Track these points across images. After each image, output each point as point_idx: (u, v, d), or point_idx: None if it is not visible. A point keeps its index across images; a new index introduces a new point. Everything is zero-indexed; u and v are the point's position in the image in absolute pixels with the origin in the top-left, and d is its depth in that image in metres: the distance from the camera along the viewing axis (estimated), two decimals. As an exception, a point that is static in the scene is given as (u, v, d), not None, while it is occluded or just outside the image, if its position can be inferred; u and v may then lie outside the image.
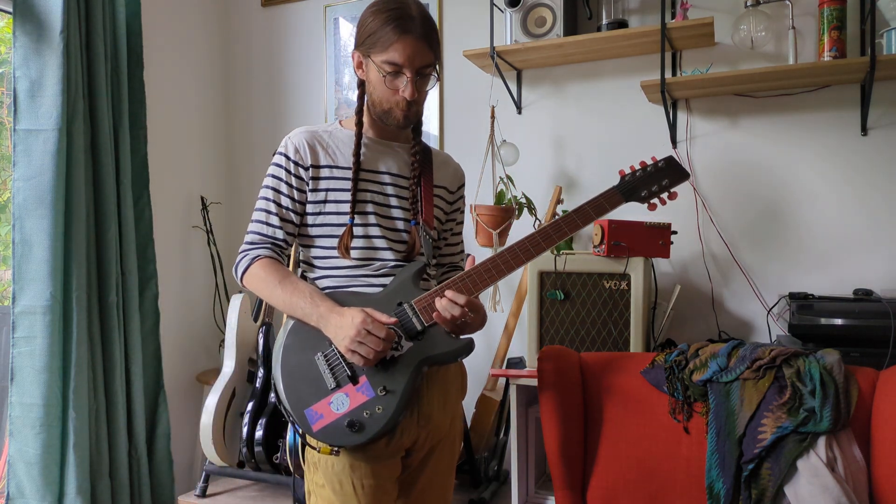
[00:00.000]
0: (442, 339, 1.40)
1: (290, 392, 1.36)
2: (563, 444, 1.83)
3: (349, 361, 1.36)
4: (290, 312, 1.41)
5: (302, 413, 1.34)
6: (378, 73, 1.40)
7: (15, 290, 2.16)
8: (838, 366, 1.67)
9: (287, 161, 1.47)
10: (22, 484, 2.16)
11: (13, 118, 2.18)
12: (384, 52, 1.38)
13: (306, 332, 1.39)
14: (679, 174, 1.52)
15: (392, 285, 1.43)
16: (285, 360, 1.39)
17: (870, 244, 2.22)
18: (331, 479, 1.38)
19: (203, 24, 3.05)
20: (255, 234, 1.47)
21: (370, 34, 1.40)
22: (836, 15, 2.08)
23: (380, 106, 1.44)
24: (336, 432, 1.33)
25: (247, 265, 1.44)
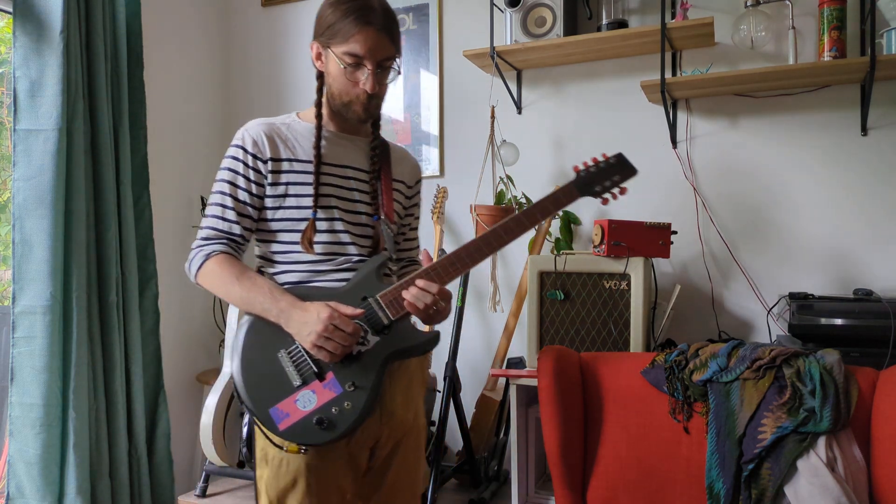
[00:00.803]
0: (409, 332, 1.40)
1: (252, 391, 1.32)
2: (563, 444, 1.83)
3: (315, 358, 1.33)
4: (249, 309, 1.36)
5: (266, 412, 1.31)
6: (338, 64, 1.38)
7: (15, 290, 2.16)
8: (838, 366, 1.68)
9: (245, 154, 1.42)
10: (22, 484, 2.16)
11: (13, 118, 2.18)
12: (344, 44, 1.36)
13: (266, 328, 1.35)
14: (628, 170, 1.51)
15: (355, 279, 1.40)
16: (245, 358, 1.34)
17: (870, 244, 2.22)
18: (285, 478, 1.36)
19: (203, 24, 3.05)
20: (210, 230, 1.42)
21: (330, 25, 1.38)
22: (836, 15, 2.09)
23: (339, 98, 1.42)
24: (304, 430, 1.31)
25: (201, 262, 1.39)
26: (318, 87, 1.46)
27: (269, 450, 1.37)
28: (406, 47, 2.84)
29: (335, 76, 1.40)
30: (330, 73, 1.41)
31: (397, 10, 2.83)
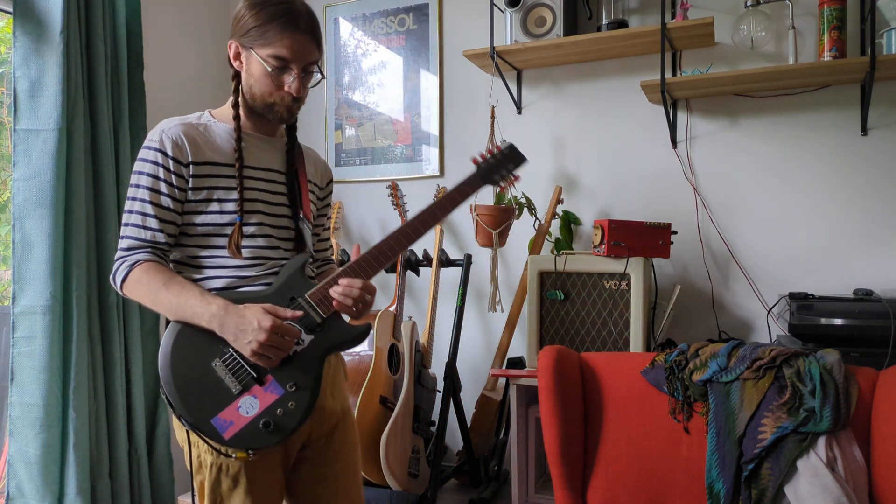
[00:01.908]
0: (340, 327, 1.41)
1: (190, 406, 1.29)
2: (563, 444, 1.83)
3: (247, 362, 1.32)
4: (179, 315, 1.32)
5: (209, 424, 1.28)
6: (262, 66, 1.37)
7: (15, 290, 2.16)
8: (838, 366, 1.68)
9: (165, 157, 1.34)
10: (22, 484, 2.16)
11: (13, 118, 2.18)
12: (270, 47, 1.36)
13: (194, 339, 1.32)
14: (519, 159, 1.57)
15: (280, 281, 1.39)
16: (177, 373, 1.30)
17: (870, 244, 2.22)
18: (226, 481, 1.36)
19: (203, 24, 3.05)
20: (132, 239, 1.35)
21: (254, 27, 1.36)
22: (836, 15, 2.09)
23: (262, 100, 1.40)
24: (251, 435, 1.30)
25: (126, 272, 1.33)
26: (235, 86, 1.42)
27: (205, 457, 1.35)
28: (406, 47, 2.84)
29: (258, 78, 1.38)
30: (252, 74, 1.39)
31: (397, 10, 2.84)
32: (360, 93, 2.93)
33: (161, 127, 1.38)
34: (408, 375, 2.32)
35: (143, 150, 1.37)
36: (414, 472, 2.29)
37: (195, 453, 1.37)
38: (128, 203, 1.37)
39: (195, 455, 1.37)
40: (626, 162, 2.51)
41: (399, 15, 2.85)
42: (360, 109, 2.94)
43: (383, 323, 2.36)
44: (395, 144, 2.86)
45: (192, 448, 1.36)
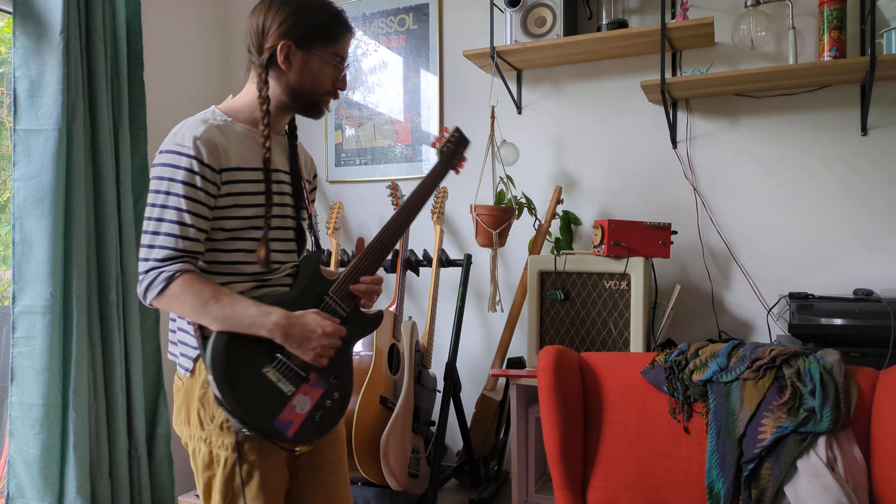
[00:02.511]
0: (361, 317, 1.50)
1: (253, 413, 1.31)
2: (563, 444, 1.83)
3: (294, 363, 1.37)
4: (233, 327, 1.31)
5: (272, 427, 1.33)
6: (323, 64, 1.41)
7: (15, 290, 2.16)
8: (838, 366, 1.67)
9: (201, 166, 1.31)
10: (22, 484, 2.16)
11: (13, 118, 2.18)
12: (333, 45, 1.42)
13: (243, 349, 1.33)
14: (465, 142, 1.71)
15: (303, 281, 1.44)
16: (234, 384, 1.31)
17: (870, 244, 2.22)
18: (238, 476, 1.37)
19: (203, 25, 3.05)
20: (168, 250, 1.31)
21: (317, 27, 1.40)
22: (836, 15, 2.09)
23: (311, 96, 1.43)
24: (307, 430, 1.38)
25: (164, 285, 1.30)
26: (263, 85, 1.41)
27: (219, 452, 1.37)
28: (406, 47, 2.84)
29: (315, 75, 1.42)
30: (308, 73, 1.41)
31: (397, 10, 2.84)
32: (360, 93, 2.93)
33: (189, 131, 1.33)
34: (408, 375, 2.32)
35: (171, 154, 1.32)
36: (414, 472, 2.29)
37: (206, 450, 1.38)
38: (157, 210, 1.32)
39: (206, 451, 1.38)
40: (626, 162, 2.51)
41: (399, 15, 2.85)
42: (360, 109, 2.94)
43: (383, 323, 2.36)
44: (395, 144, 2.86)
45: (203, 444, 1.38)
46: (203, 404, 1.37)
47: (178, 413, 1.42)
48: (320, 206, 2.99)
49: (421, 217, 2.73)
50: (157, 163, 1.34)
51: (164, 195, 1.32)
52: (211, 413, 1.36)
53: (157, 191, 1.32)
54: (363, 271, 1.47)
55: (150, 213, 1.33)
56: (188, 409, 1.39)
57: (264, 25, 1.41)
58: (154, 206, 1.33)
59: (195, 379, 1.38)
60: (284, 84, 1.42)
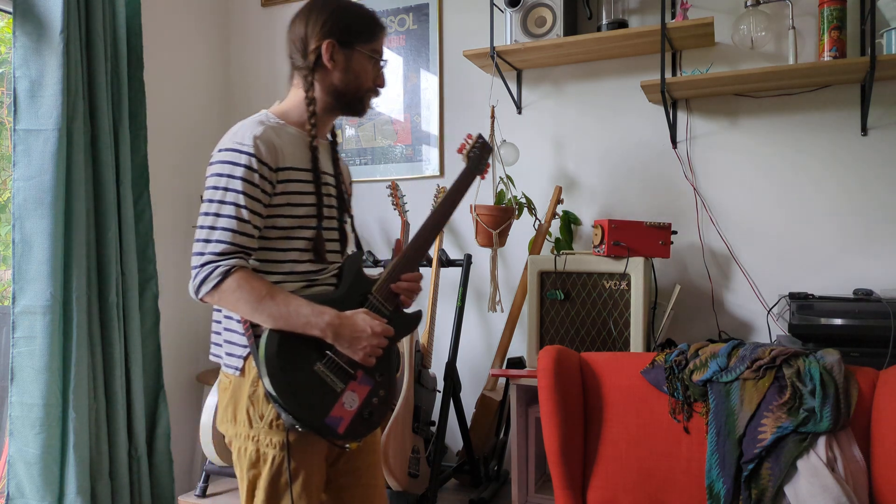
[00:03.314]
0: (402, 316, 1.55)
1: (304, 410, 1.34)
2: (563, 444, 1.83)
3: (342, 360, 1.39)
4: (286, 325, 1.34)
5: (323, 424, 1.35)
6: (366, 61, 1.47)
7: (15, 290, 2.16)
8: (838, 366, 1.67)
9: (260, 164, 1.35)
10: (22, 484, 2.16)
11: (13, 118, 2.18)
12: (372, 42, 1.48)
13: (294, 347, 1.35)
14: (490, 149, 1.81)
15: (348, 280, 1.47)
16: (287, 381, 1.33)
17: (870, 244, 2.22)
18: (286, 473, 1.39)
19: (203, 24, 3.05)
20: (226, 244, 1.33)
21: (357, 24, 1.45)
22: (836, 15, 2.09)
23: (356, 93, 1.48)
24: (357, 427, 1.40)
25: (220, 279, 1.32)
26: (309, 86, 1.44)
27: (266, 451, 1.38)
28: (406, 47, 2.84)
29: (358, 72, 1.47)
30: (351, 70, 1.46)
31: (397, 9, 2.84)
32: (360, 93, 2.93)
33: (249, 131, 1.37)
34: (408, 375, 2.32)
35: (231, 152, 1.35)
36: (414, 472, 2.29)
37: (253, 448, 1.39)
38: (215, 205, 1.35)
39: (253, 450, 1.39)
40: (626, 162, 2.51)
41: (399, 15, 2.85)
42: (360, 109, 2.94)
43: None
44: (395, 144, 2.86)
45: (251, 443, 1.39)
46: (253, 402, 1.39)
47: (225, 411, 1.44)
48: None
49: (421, 217, 2.73)
50: (217, 160, 1.37)
51: (222, 191, 1.35)
52: (260, 411, 1.38)
53: (215, 187, 1.35)
54: (403, 270, 1.51)
55: (208, 208, 1.35)
56: (235, 407, 1.41)
57: (306, 31, 1.45)
58: (212, 202, 1.35)
59: (245, 377, 1.40)
60: (329, 84, 1.47)
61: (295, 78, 1.49)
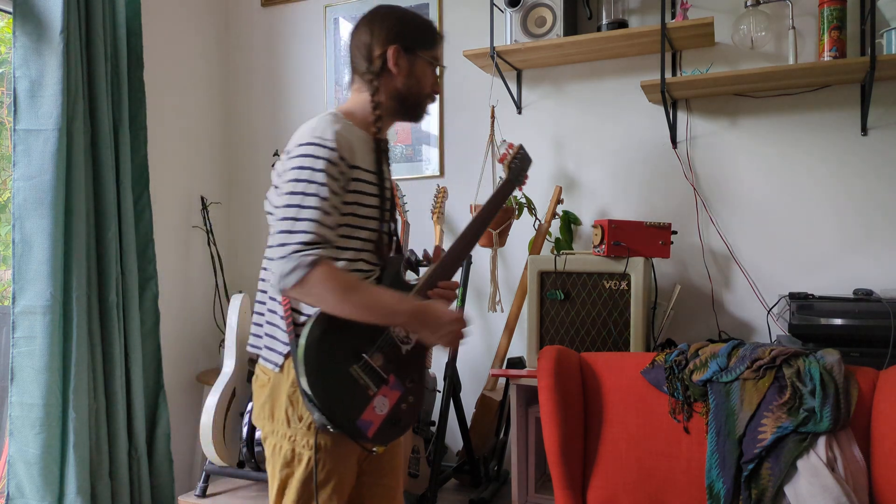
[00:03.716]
0: None
1: (339, 410, 1.35)
2: (563, 444, 1.83)
3: (376, 364, 1.41)
4: (371, 315, 1.36)
5: (355, 426, 1.36)
6: (427, 67, 1.51)
7: (15, 290, 2.16)
8: (838, 366, 1.68)
9: (340, 159, 1.36)
10: (22, 484, 2.16)
11: (13, 118, 2.18)
12: (433, 49, 1.53)
13: (330, 349, 1.37)
14: (529, 160, 1.82)
15: (387, 282, 1.49)
16: (324, 380, 1.35)
17: (870, 244, 2.22)
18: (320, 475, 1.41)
19: (203, 24, 3.05)
20: (312, 234, 1.31)
21: (420, 29, 1.51)
22: (836, 15, 2.08)
23: (413, 99, 1.52)
24: (385, 431, 1.41)
25: (307, 270, 1.29)
26: (374, 91, 1.49)
27: (302, 451, 1.40)
28: (406, 47, 2.83)
29: (420, 77, 1.51)
30: (414, 75, 1.50)
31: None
32: (360, 93, 2.93)
33: (329, 126, 1.39)
34: (408, 375, 2.32)
35: (314, 146, 1.36)
36: (414, 472, 2.29)
37: (289, 448, 1.41)
38: (298, 197, 1.34)
39: (288, 449, 1.41)
40: (626, 162, 2.51)
41: (399, 15, 2.84)
42: (360, 109, 2.93)
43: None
44: (395, 144, 2.86)
45: (287, 442, 1.41)
46: (292, 402, 1.40)
47: (262, 408, 1.44)
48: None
49: (421, 217, 2.73)
50: (299, 154, 1.37)
51: (305, 183, 1.34)
52: (300, 413, 1.39)
53: (297, 179, 1.35)
54: (440, 277, 1.54)
55: (291, 200, 1.34)
56: (273, 405, 1.42)
57: (371, 37, 1.49)
58: (294, 194, 1.34)
59: (284, 375, 1.41)
60: (393, 89, 1.50)
61: (356, 83, 1.53)
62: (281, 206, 1.35)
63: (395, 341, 1.46)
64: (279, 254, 1.31)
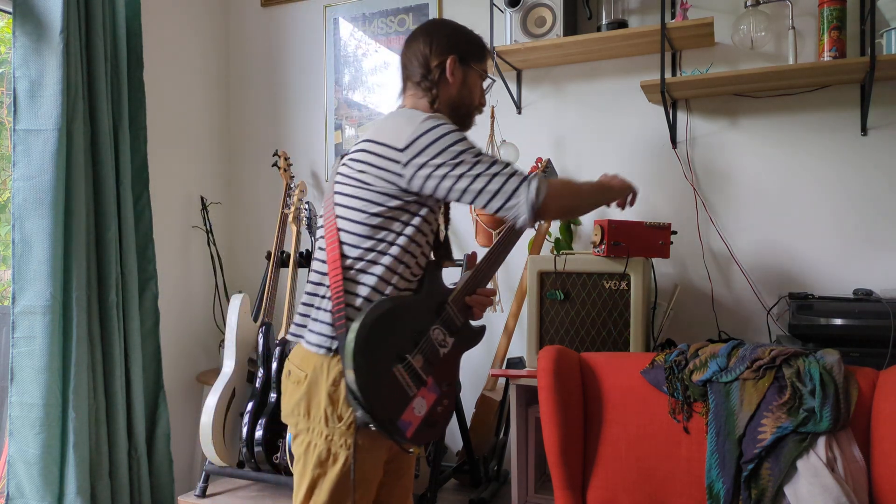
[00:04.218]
0: (470, 328, 1.61)
1: (383, 409, 1.38)
2: (563, 444, 1.83)
3: (417, 365, 1.44)
4: (601, 195, 1.60)
5: (396, 426, 1.38)
6: (477, 78, 1.60)
7: (15, 290, 2.16)
8: (838, 366, 1.67)
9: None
10: (22, 484, 2.16)
11: (13, 118, 2.18)
12: (483, 62, 1.62)
13: (376, 346, 1.39)
14: (556, 175, 1.90)
15: (428, 286, 1.54)
16: (370, 380, 1.37)
17: (870, 244, 2.22)
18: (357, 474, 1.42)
19: (203, 25, 3.05)
20: (511, 166, 1.42)
21: (473, 43, 1.60)
22: (835, 15, 2.08)
23: (465, 108, 1.59)
24: (422, 432, 1.44)
25: (540, 180, 1.39)
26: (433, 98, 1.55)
27: (339, 451, 1.41)
28: (406, 47, 2.84)
29: (472, 88, 1.59)
30: (467, 85, 1.58)
31: (397, 10, 2.84)
32: (360, 93, 2.93)
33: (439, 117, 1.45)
34: (408, 375, 2.32)
35: (447, 126, 1.41)
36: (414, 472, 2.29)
37: (325, 447, 1.42)
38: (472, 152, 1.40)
39: (324, 448, 1.42)
40: (625, 162, 2.51)
41: (399, 15, 2.85)
42: (360, 109, 2.94)
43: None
44: (395, 144, 2.86)
45: (322, 440, 1.42)
46: (332, 401, 1.41)
47: (298, 405, 1.45)
48: (320, 207, 2.99)
49: (421, 217, 2.73)
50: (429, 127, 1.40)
51: (463, 142, 1.40)
52: (339, 412, 1.40)
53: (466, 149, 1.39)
54: (478, 284, 1.59)
55: (464, 156, 1.38)
56: (310, 402, 1.43)
57: (430, 48, 1.56)
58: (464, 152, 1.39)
59: (322, 371, 1.42)
60: (448, 97, 1.57)
61: (411, 90, 1.59)
62: (463, 169, 1.38)
63: (435, 345, 1.49)
64: (510, 186, 1.37)
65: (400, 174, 1.41)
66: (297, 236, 2.68)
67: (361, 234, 1.44)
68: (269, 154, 3.08)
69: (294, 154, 3.03)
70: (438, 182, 1.39)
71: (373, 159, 1.44)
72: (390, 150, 1.42)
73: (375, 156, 1.44)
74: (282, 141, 3.07)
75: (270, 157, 3.07)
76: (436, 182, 1.39)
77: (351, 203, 1.46)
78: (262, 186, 3.11)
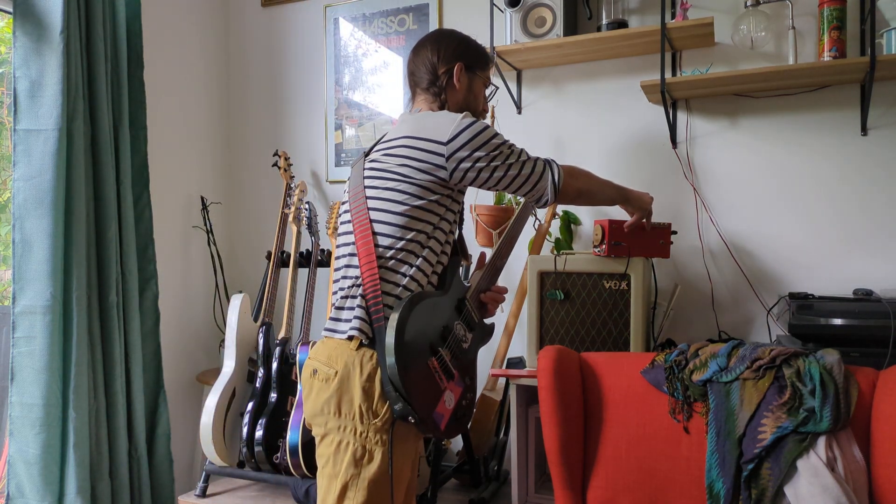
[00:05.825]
0: (483, 325, 1.69)
1: (418, 402, 1.39)
2: (563, 444, 1.83)
3: (448, 359, 1.48)
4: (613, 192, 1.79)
5: (431, 418, 1.41)
6: (482, 86, 1.72)
7: (15, 290, 2.16)
8: (838, 366, 1.67)
9: None
10: (22, 484, 2.16)
11: (13, 118, 2.18)
12: (486, 70, 1.73)
13: (413, 341, 1.41)
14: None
15: (450, 283, 1.58)
16: (408, 372, 1.39)
17: (870, 244, 2.22)
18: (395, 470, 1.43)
19: (203, 24, 3.05)
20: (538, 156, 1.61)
21: (477, 52, 1.71)
22: (836, 15, 2.08)
23: (471, 112, 1.68)
24: (453, 425, 1.49)
25: (559, 165, 1.62)
26: (443, 102, 1.64)
27: (375, 448, 1.41)
28: (406, 47, 2.84)
29: (477, 94, 1.70)
30: (472, 91, 1.69)
31: (397, 10, 2.84)
32: (360, 93, 2.94)
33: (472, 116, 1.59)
34: (408, 375, 2.32)
35: (482, 122, 1.54)
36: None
37: (359, 444, 1.41)
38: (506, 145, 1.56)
39: (358, 446, 1.41)
40: (626, 162, 2.51)
41: (399, 15, 2.85)
42: (360, 109, 2.94)
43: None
44: (395, 144, 2.86)
45: (355, 438, 1.41)
46: (367, 396, 1.40)
47: (327, 403, 1.43)
48: (320, 207, 2.99)
49: (421, 217, 2.73)
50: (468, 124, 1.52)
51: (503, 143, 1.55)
52: (375, 408, 1.40)
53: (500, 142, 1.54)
54: (492, 282, 1.67)
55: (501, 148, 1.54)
56: (340, 399, 1.42)
57: (437, 57, 1.66)
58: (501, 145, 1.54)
59: (355, 367, 1.42)
60: (454, 102, 1.67)
61: (420, 96, 1.69)
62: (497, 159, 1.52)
63: (459, 340, 1.54)
64: (537, 170, 1.57)
65: (443, 167, 1.49)
66: (298, 236, 2.68)
67: (400, 225, 1.48)
68: (270, 154, 3.09)
69: (294, 154, 3.03)
70: (478, 174, 1.52)
71: (415, 153, 1.50)
72: (434, 145, 1.49)
73: (418, 150, 1.50)
74: (282, 141, 3.07)
75: (270, 157, 3.07)
76: (475, 174, 1.52)
77: (389, 196, 1.49)
78: (263, 186, 3.11)
